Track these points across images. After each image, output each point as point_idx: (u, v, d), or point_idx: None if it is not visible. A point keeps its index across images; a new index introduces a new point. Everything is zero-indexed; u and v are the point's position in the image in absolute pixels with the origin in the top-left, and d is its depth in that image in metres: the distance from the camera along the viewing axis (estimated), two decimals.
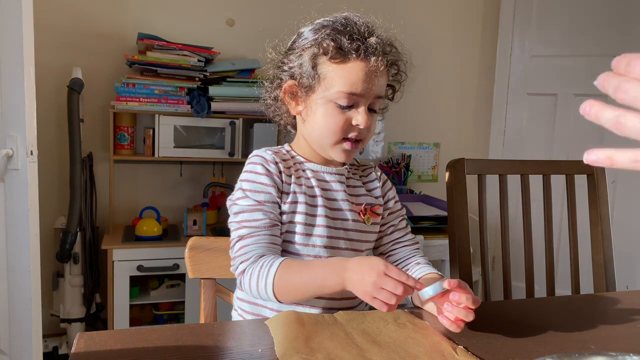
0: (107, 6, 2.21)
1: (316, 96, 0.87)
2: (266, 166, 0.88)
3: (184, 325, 0.74)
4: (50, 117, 2.12)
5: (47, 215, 2.03)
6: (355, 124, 0.86)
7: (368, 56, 0.84)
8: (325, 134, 0.88)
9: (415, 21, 2.69)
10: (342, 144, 0.88)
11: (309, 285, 0.78)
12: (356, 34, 0.85)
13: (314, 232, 0.88)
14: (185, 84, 2.10)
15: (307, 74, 0.86)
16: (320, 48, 0.85)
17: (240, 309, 0.95)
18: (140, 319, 2.19)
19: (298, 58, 0.89)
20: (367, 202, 0.95)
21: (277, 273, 0.78)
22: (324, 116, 0.87)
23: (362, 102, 0.86)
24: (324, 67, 0.86)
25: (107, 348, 0.64)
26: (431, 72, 2.77)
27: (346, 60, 0.84)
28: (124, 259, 1.99)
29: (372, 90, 0.85)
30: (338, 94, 0.85)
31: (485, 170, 1.22)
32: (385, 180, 1.01)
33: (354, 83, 0.84)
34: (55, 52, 2.13)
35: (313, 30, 0.88)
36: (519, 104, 2.74)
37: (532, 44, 2.68)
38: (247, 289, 0.83)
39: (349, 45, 0.83)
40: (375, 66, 0.84)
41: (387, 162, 2.65)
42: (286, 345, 0.65)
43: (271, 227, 0.86)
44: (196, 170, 2.38)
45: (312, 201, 0.89)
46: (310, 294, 0.80)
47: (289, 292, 0.80)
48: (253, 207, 0.86)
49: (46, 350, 2.06)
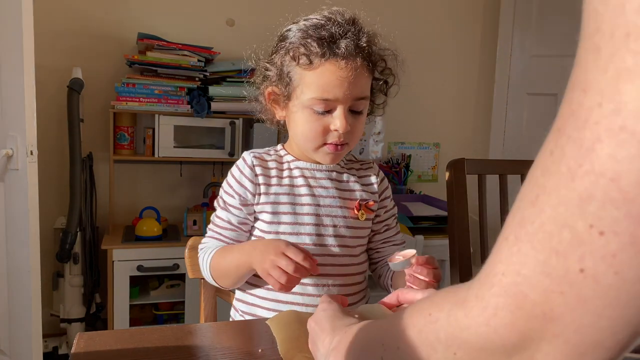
0: (107, 6, 2.21)
1: (293, 103, 0.87)
2: (242, 170, 0.92)
3: (184, 325, 0.75)
4: (50, 117, 2.12)
5: (47, 215, 2.03)
6: (334, 129, 0.84)
7: (338, 59, 0.81)
8: (305, 139, 0.88)
9: (415, 21, 2.69)
10: (324, 148, 0.88)
11: (231, 267, 0.86)
12: (327, 37, 0.82)
13: (302, 231, 0.89)
14: (185, 84, 2.10)
15: (282, 81, 0.87)
16: (290, 54, 0.85)
17: (240, 310, 0.96)
18: (140, 319, 2.19)
19: (273, 65, 0.89)
20: (361, 198, 0.94)
21: (212, 259, 0.88)
22: (302, 122, 0.87)
23: (340, 106, 0.84)
24: (295, 73, 0.85)
25: (107, 348, 0.64)
26: (431, 72, 2.76)
27: (316, 66, 0.82)
28: (124, 259, 1.99)
29: (348, 93, 0.83)
30: (311, 100, 0.84)
31: (485, 170, 1.22)
32: (383, 178, 1.01)
33: (326, 88, 0.82)
34: (55, 53, 2.13)
35: (288, 35, 0.87)
36: (519, 104, 2.74)
37: (532, 44, 2.68)
38: (204, 276, 0.93)
39: (317, 50, 0.81)
40: (346, 67, 0.82)
41: (387, 162, 2.65)
42: (289, 345, 0.65)
43: (230, 230, 0.92)
44: (196, 170, 2.38)
45: (297, 200, 0.90)
46: (234, 276, 0.87)
47: (221, 276, 0.89)
48: (221, 207, 0.93)
49: (46, 350, 2.06)
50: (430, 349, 0.34)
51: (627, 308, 0.24)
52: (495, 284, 0.29)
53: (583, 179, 0.24)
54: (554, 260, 0.25)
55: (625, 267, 0.23)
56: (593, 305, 0.24)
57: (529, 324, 0.27)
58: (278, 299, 0.89)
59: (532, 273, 0.26)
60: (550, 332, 0.26)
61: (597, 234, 0.23)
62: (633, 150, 0.22)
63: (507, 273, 0.28)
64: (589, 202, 0.23)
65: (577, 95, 0.25)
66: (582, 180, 0.24)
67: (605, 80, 0.23)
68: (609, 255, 0.23)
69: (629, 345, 0.25)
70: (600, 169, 0.23)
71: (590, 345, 0.25)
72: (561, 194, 0.25)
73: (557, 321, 0.26)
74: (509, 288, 0.28)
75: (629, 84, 0.22)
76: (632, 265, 0.23)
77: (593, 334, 0.25)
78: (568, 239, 0.24)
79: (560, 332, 0.26)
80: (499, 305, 0.28)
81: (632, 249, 0.23)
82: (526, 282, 0.27)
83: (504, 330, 0.28)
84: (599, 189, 0.23)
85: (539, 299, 0.26)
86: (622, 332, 0.24)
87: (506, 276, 0.28)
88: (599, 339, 0.25)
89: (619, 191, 0.22)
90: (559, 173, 0.25)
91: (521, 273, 0.27)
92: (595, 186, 0.23)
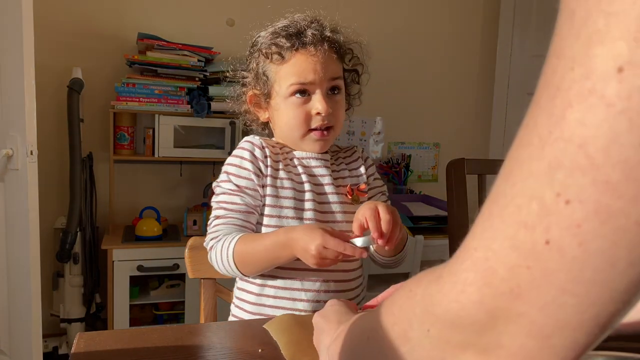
0: (107, 6, 2.21)
1: (274, 100, 0.92)
2: (253, 152, 0.92)
3: (184, 325, 0.75)
4: (50, 117, 2.12)
5: (47, 215, 2.03)
6: (316, 112, 0.89)
7: (307, 46, 0.88)
8: (291, 129, 0.92)
9: (415, 21, 2.69)
10: (311, 135, 0.92)
11: (262, 250, 0.84)
12: (294, 32, 0.88)
13: (303, 216, 0.92)
14: (185, 84, 2.10)
15: (260, 81, 0.92)
16: (262, 55, 0.91)
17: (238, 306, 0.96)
18: (140, 319, 2.19)
19: (249, 71, 0.95)
20: (352, 183, 0.97)
21: (236, 246, 0.84)
22: (285, 113, 0.91)
23: (317, 89, 0.89)
24: (270, 71, 0.91)
25: (107, 348, 0.64)
26: (431, 72, 2.77)
27: (288, 59, 0.88)
28: (124, 259, 1.99)
29: (322, 75, 0.88)
30: (289, 87, 0.89)
31: (485, 170, 1.22)
32: (366, 158, 1.04)
33: (301, 73, 0.88)
34: (55, 52, 2.13)
35: (258, 40, 0.94)
36: (519, 104, 2.74)
37: (532, 44, 2.68)
38: (215, 265, 0.89)
39: (287, 44, 0.88)
40: (316, 53, 0.88)
41: (387, 162, 2.65)
42: (294, 349, 0.65)
43: (246, 213, 0.90)
44: (196, 170, 2.38)
45: (299, 187, 0.93)
46: (267, 264, 0.87)
47: (248, 263, 0.86)
48: (232, 191, 0.90)
49: (46, 350, 2.06)
50: (407, 325, 0.34)
51: (591, 284, 0.23)
52: (467, 258, 0.28)
53: (552, 147, 0.23)
54: (522, 234, 0.24)
55: (589, 238, 0.22)
56: (557, 279, 0.23)
57: (496, 302, 0.26)
58: (277, 285, 0.91)
59: (501, 247, 0.25)
60: (516, 311, 0.25)
61: (563, 203, 0.23)
62: (601, 114, 0.21)
63: (479, 248, 0.27)
64: (557, 170, 0.23)
65: (551, 63, 0.24)
66: (551, 148, 0.23)
67: (577, 44, 0.22)
68: (574, 225, 0.22)
69: (596, 332, 0.24)
70: (569, 135, 0.22)
71: (555, 325, 0.24)
72: (532, 165, 0.24)
73: (523, 298, 0.25)
74: (479, 263, 0.27)
75: (599, 46, 0.21)
76: (596, 236, 0.22)
77: (558, 312, 0.24)
78: (536, 211, 0.24)
79: (525, 311, 0.25)
80: (468, 281, 0.27)
81: (597, 218, 0.22)
82: (495, 257, 0.26)
83: (471, 307, 0.27)
84: (567, 155, 0.22)
85: (507, 274, 0.25)
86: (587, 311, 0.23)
87: (478, 251, 0.27)
88: (564, 319, 0.24)
89: (586, 157, 0.22)
90: (530, 144, 0.24)
91: (491, 248, 0.26)
92: (564, 153, 0.22)
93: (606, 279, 0.23)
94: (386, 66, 2.62)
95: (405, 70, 2.71)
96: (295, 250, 0.80)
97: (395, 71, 2.68)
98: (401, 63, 2.70)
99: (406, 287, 0.35)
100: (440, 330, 0.30)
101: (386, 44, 2.61)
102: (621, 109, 0.20)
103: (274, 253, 0.83)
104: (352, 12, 2.46)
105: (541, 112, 0.24)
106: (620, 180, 0.21)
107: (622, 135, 0.21)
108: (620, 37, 0.20)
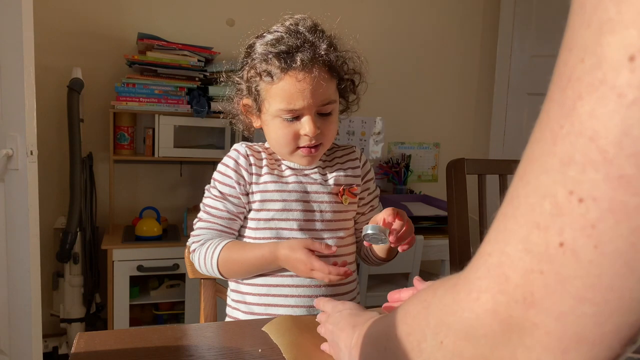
0: (107, 6, 2.21)
1: (264, 115, 0.93)
2: (237, 160, 0.95)
3: (184, 325, 0.74)
4: (50, 117, 2.12)
5: (47, 215, 2.03)
6: (304, 134, 0.90)
7: (297, 71, 0.86)
8: (279, 146, 0.94)
9: (415, 21, 2.69)
10: (299, 152, 0.93)
11: (248, 267, 0.90)
12: (285, 51, 0.86)
13: (290, 217, 0.93)
14: (185, 84, 2.10)
15: (252, 95, 0.93)
16: (254, 70, 0.91)
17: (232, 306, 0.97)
18: (140, 319, 2.19)
19: (242, 79, 0.95)
20: (345, 184, 0.98)
21: (222, 251, 0.89)
22: (274, 131, 0.92)
23: (306, 113, 0.89)
24: (261, 88, 0.91)
25: (107, 348, 0.64)
26: (431, 72, 2.77)
27: (277, 80, 0.87)
28: (124, 259, 1.99)
29: (311, 102, 0.87)
30: (278, 111, 0.89)
31: (485, 170, 1.22)
32: (365, 162, 1.04)
33: (290, 100, 0.87)
34: (55, 53, 2.13)
35: (252, 50, 0.92)
36: (519, 104, 2.74)
37: (532, 44, 2.68)
38: (197, 266, 0.95)
39: (277, 64, 0.87)
40: (306, 80, 0.86)
41: (387, 162, 2.65)
42: (296, 351, 0.65)
43: (227, 219, 0.94)
44: (196, 170, 2.38)
45: (285, 187, 0.94)
46: (251, 274, 0.92)
47: (232, 272, 0.91)
48: (216, 197, 0.95)
49: (46, 350, 2.06)
50: (421, 336, 0.32)
51: (610, 291, 0.21)
52: (481, 265, 0.26)
53: (564, 141, 0.22)
54: (535, 235, 0.23)
55: (605, 239, 0.20)
56: (573, 286, 0.21)
57: (509, 311, 0.24)
58: (268, 283, 0.92)
59: (514, 250, 0.24)
60: (531, 321, 0.24)
61: (576, 202, 0.21)
62: (612, 105, 0.20)
63: (493, 252, 0.26)
64: (569, 166, 0.21)
65: (563, 55, 0.23)
66: (563, 142, 0.22)
67: (588, 34, 0.21)
68: (589, 225, 0.21)
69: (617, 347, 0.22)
70: (580, 128, 0.21)
71: (573, 338, 0.22)
72: (544, 162, 0.23)
73: (537, 307, 0.23)
74: (493, 269, 0.25)
75: (610, 35, 0.20)
76: (613, 237, 0.20)
77: (575, 323, 0.22)
78: (549, 210, 0.22)
79: (540, 321, 0.23)
80: (482, 289, 0.26)
81: (612, 217, 0.20)
82: (509, 261, 0.24)
83: (485, 317, 0.26)
84: (579, 150, 0.21)
85: (520, 280, 0.24)
86: (607, 322, 0.21)
87: (492, 256, 0.26)
88: (582, 331, 0.22)
89: (598, 151, 0.20)
90: (543, 140, 0.23)
91: (505, 251, 0.25)
92: (575, 148, 0.21)
93: (625, 286, 0.21)
94: (386, 66, 2.62)
95: (405, 70, 2.71)
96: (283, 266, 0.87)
97: (396, 71, 2.68)
98: (401, 63, 2.70)
99: (421, 296, 0.34)
100: (454, 342, 0.29)
101: (386, 44, 2.61)
102: (633, 99, 0.19)
103: (259, 267, 0.90)
104: (352, 12, 2.46)
105: (553, 106, 0.23)
106: (635, 175, 0.19)
107: (634, 126, 0.19)
108: (632, 24, 0.19)
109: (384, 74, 2.62)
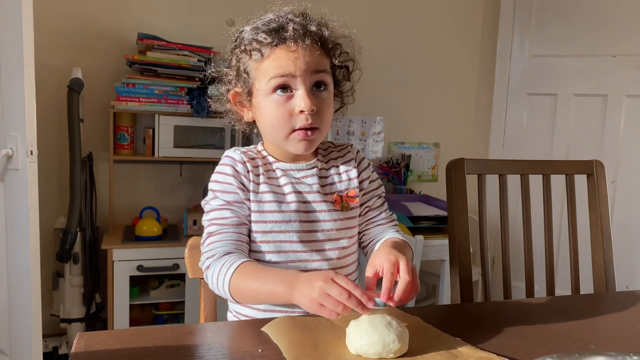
0: (107, 6, 2.21)
1: (256, 98, 0.88)
2: (235, 167, 0.90)
3: (184, 325, 0.75)
4: (50, 117, 2.12)
5: (47, 215, 2.03)
6: (299, 110, 0.84)
7: (288, 43, 0.83)
8: (273, 129, 0.88)
9: (415, 21, 2.69)
10: (294, 135, 0.87)
11: (260, 291, 0.79)
12: (275, 27, 0.84)
13: (289, 228, 0.89)
14: (185, 84, 2.10)
15: (241, 79, 0.88)
16: (242, 52, 0.87)
17: (234, 311, 0.96)
18: (140, 319, 2.19)
19: (231, 68, 0.91)
20: (339, 190, 0.94)
21: (234, 274, 0.81)
22: (268, 112, 0.87)
23: (300, 84, 0.84)
24: (251, 68, 0.87)
25: (107, 348, 0.64)
26: (431, 72, 2.77)
27: (267, 55, 0.84)
28: (124, 259, 1.99)
29: (303, 67, 0.83)
30: (270, 82, 0.84)
31: (485, 170, 1.22)
32: (361, 160, 1.00)
33: (280, 66, 0.83)
34: (55, 52, 2.13)
35: (239, 36, 0.90)
36: (519, 104, 2.74)
37: (532, 44, 2.68)
38: (210, 285, 0.86)
39: (267, 39, 0.84)
40: (297, 48, 0.83)
41: (387, 162, 2.65)
42: (296, 352, 0.65)
43: (238, 225, 0.88)
44: (196, 170, 2.38)
45: (282, 198, 0.90)
46: (261, 300, 0.84)
47: (243, 295, 0.83)
48: (222, 207, 0.89)
49: (46, 350, 2.06)
50: None
51: None
52: None
53: None
54: None
55: None
56: None
57: None
58: None
59: None
60: None
61: None
62: None
63: None
64: None
65: None
66: None
67: None
68: None
69: None
70: None
71: None
72: None
73: None
74: None
75: None
76: None
77: None
78: None
79: None
80: None
81: None
82: None
83: None
84: None
85: None
86: None
87: None
88: None
89: None
90: None
91: None
92: None
93: None
94: (386, 66, 2.62)
95: (406, 70, 2.71)
96: (298, 289, 0.73)
97: (396, 71, 2.68)
98: (401, 63, 2.70)
99: None
100: None
101: (386, 44, 2.61)
102: None
103: (272, 289, 0.78)
104: (352, 13, 2.46)
105: None
106: None
107: None
108: None
109: (384, 74, 2.62)
